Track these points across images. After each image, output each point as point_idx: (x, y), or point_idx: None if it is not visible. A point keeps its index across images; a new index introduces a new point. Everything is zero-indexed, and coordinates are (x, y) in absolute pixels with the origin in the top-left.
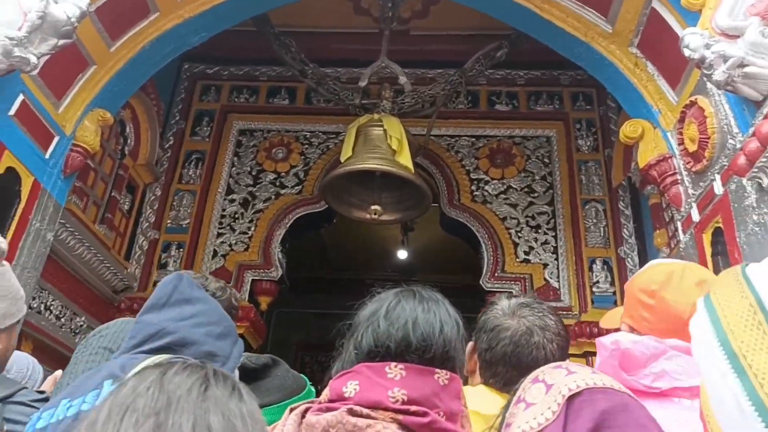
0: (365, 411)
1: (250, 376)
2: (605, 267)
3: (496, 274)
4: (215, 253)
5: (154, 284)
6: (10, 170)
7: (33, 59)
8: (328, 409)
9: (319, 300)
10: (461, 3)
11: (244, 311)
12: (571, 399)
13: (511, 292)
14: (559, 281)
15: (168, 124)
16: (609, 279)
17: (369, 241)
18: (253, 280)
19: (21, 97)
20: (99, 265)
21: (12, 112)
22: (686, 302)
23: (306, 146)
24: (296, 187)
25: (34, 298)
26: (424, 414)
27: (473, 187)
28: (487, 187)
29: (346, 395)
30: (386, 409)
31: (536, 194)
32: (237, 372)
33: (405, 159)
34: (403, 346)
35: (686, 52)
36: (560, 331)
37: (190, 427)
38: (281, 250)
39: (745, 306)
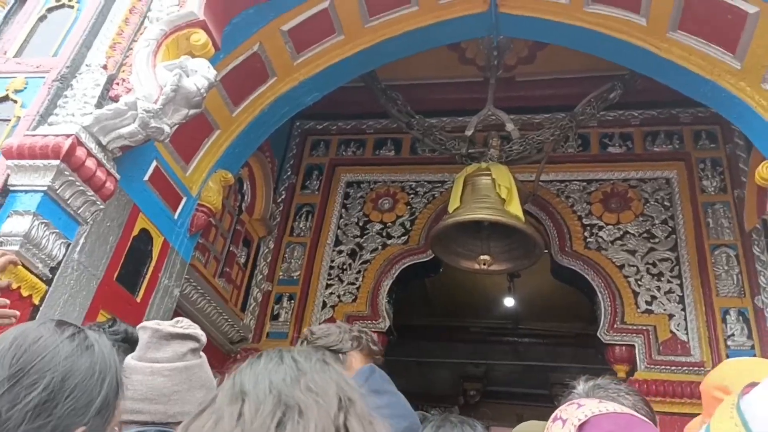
0: None
1: None
2: (740, 318)
3: (615, 326)
4: (324, 304)
5: (268, 335)
6: (143, 231)
7: (167, 129)
8: None
9: (422, 347)
10: (573, 48)
11: None
12: (581, 427)
13: (633, 345)
14: (687, 333)
15: (280, 179)
16: (746, 331)
17: (473, 288)
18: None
19: (154, 164)
20: (218, 317)
21: (146, 177)
22: None
23: (412, 196)
24: (402, 237)
25: None
26: None
27: (586, 233)
28: (601, 233)
29: None
30: None
31: (657, 240)
32: None
33: (515, 208)
34: None
35: None
36: (639, 410)
37: None
38: (388, 301)
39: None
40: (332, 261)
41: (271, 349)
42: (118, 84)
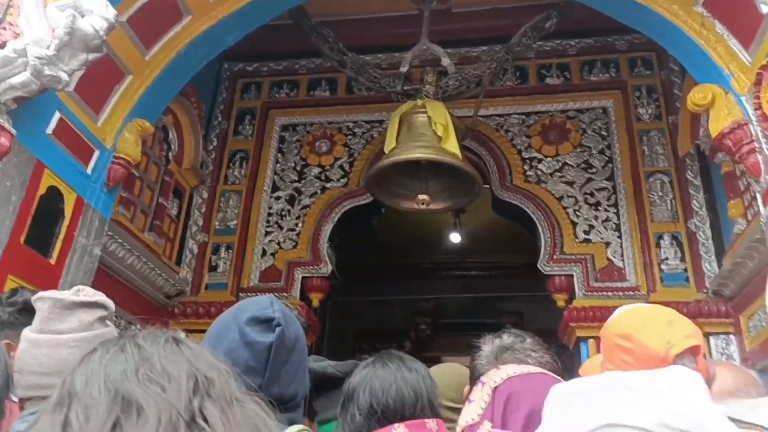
0: None
1: (336, 384)
2: (674, 242)
3: (554, 257)
4: (264, 252)
5: (206, 287)
6: (51, 189)
7: (64, 76)
8: None
9: (374, 287)
10: None
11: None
12: (496, 389)
13: (571, 275)
14: (623, 260)
15: (211, 125)
16: (679, 255)
17: (421, 225)
18: (303, 277)
19: (57, 115)
20: (150, 272)
21: (49, 130)
22: (661, 341)
23: (349, 137)
24: (342, 180)
25: None
26: None
27: (526, 167)
28: (540, 166)
29: None
30: None
31: (594, 170)
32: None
33: (452, 145)
34: (399, 405)
35: (763, 8)
36: (544, 365)
37: None
38: (330, 245)
39: None
40: (270, 208)
41: (112, 338)
42: (4, 29)
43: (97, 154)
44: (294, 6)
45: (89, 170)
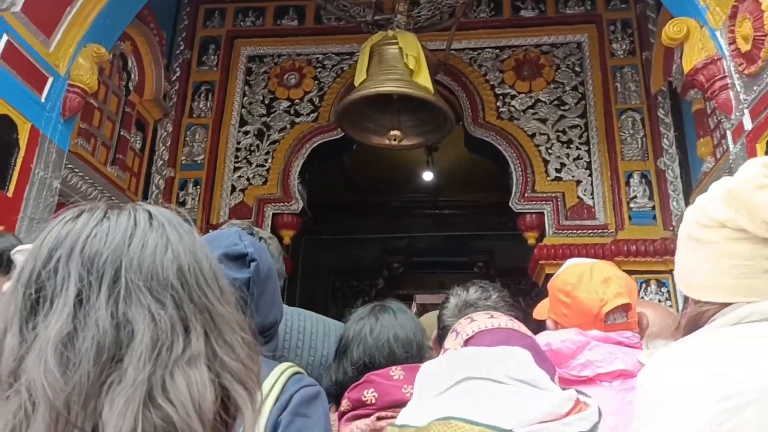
0: (389, 413)
1: None
2: (643, 180)
3: (526, 195)
4: (233, 188)
5: None
6: (3, 117)
7: None
8: (356, 417)
9: (347, 224)
10: None
11: None
12: (467, 341)
13: (542, 213)
14: (593, 198)
15: (173, 54)
16: (647, 193)
17: (393, 162)
18: (274, 214)
19: (5, 38)
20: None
21: None
22: (595, 298)
23: (319, 70)
24: (312, 114)
25: None
26: None
27: (499, 103)
28: (513, 102)
29: (368, 402)
30: (404, 403)
31: (567, 107)
32: None
33: (423, 79)
34: (390, 356)
35: None
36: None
37: None
38: (301, 181)
39: None
40: (238, 142)
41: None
42: None
43: (50, 81)
44: None
45: (43, 98)
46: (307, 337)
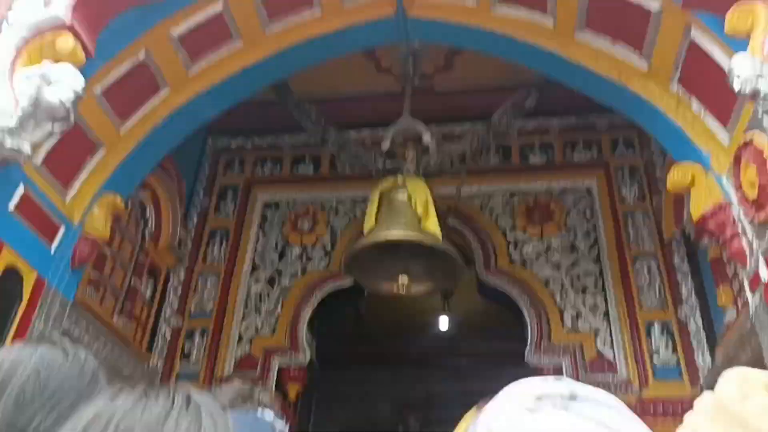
0: None
1: None
2: (665, 331)
3: (542, 346)
4: (240, 337)
5: (177, 377)
6: (9, 269)
7: (26, 148)
8: None
9: (360, 376)
10: (484, 52)
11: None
12: None
13: (560, 367)
14: (613, 350)
15: (192, 202)
16: (671, 345)
17: (408, 310)
18: (279, 367)
19: (21, 189)
20: (116, 360)
21: (12, 206)
22: None
23: (332, 215)
24: (323, 261)
25: None
26: None
27: (511, 249)
28: (525, 248)
29: None
30: None
31: (580, 252)
32: None
33: (432, 225)
34: None
35: (736, 84)
36: None
37: None
38: (310, 331)
39: None
40: (249, 290)
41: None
42: None
43: (62, 230)
44: (275, 82)
45: (53, 249)
46: None
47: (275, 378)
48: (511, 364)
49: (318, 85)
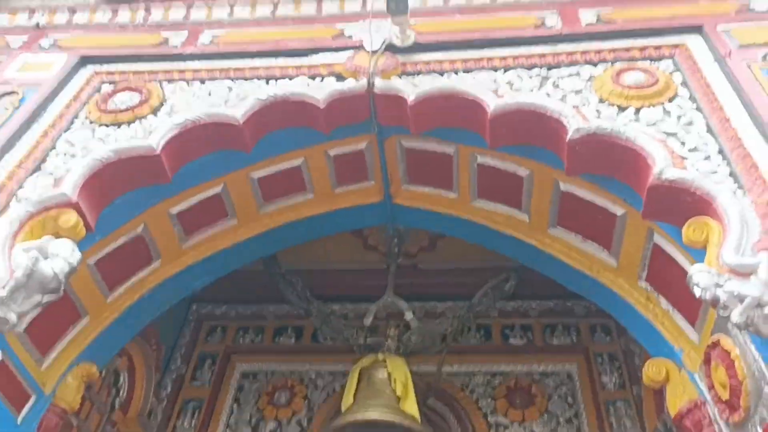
0: None
1: None
2: None
3: None
4: None
5: None
6: None
7: (13, 318)
8: None
9: None
10: (466, 239)
11: None
12: None
13: None
14: None
15: (168, 369)
16: None
17: None
18: None
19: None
20: None
21: None
22: None
23: (311, 389)
24: None
25: None
26: None
27: None
28: None
29: None
30: None
31: None
32: None
33: (410, 406)
34: None
35: (697, 291)
36: None
37: None
38: None
39: None
40: None
41: None
42: None
43: (32, 400)
44: (263, 256)
45: (20, 419)
46: None
47: None
48: None
49: (305, 258)
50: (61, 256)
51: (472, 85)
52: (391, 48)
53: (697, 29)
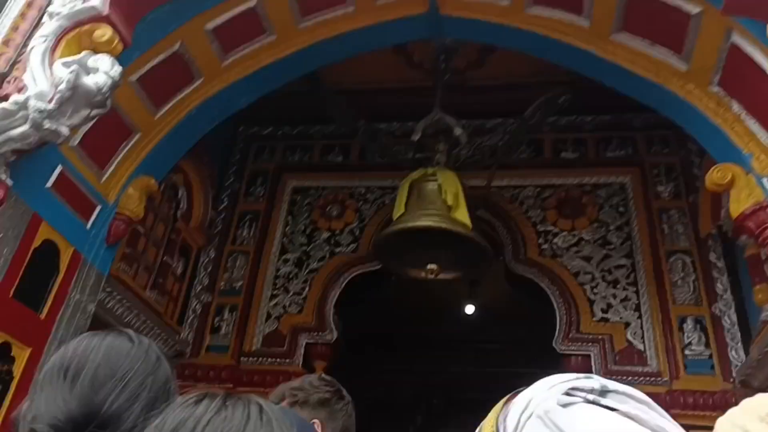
0: None
1: None
2: (698, 326)
3: (570, 335)
4: (269, 315)
5: (207, 349)
6: (47, 242)
7: (64, 131)
8: None
9: (384, 357)
10: (519, 50)
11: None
12: None
13: (588, 355)
14: (644, 342)
15: (222, 185)
16: (703, 340)
17: (434, 296)
18: (307, 343)
19: (59, 169)
20: (149, 332)
21: (49, 184)
22: None
23: (361, 203)
24: (351, 245)
25: None
26: None
27: (541, 240)
28: (556, 240)
29: None
30: None
31: (612, 246)
32: None
33: (461, 215)
34: None
35: None
36: None
37: None
38: (337, 311)
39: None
40: (278, 270)
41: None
42: (9, 83)
43: (98, 209)
44: (307, 72)
45: (89, 225)
46: None
47: (303, 354)
48: (537, 351)
49: (349, 77)
50: (101, 70)
51: None
52: None
53: None
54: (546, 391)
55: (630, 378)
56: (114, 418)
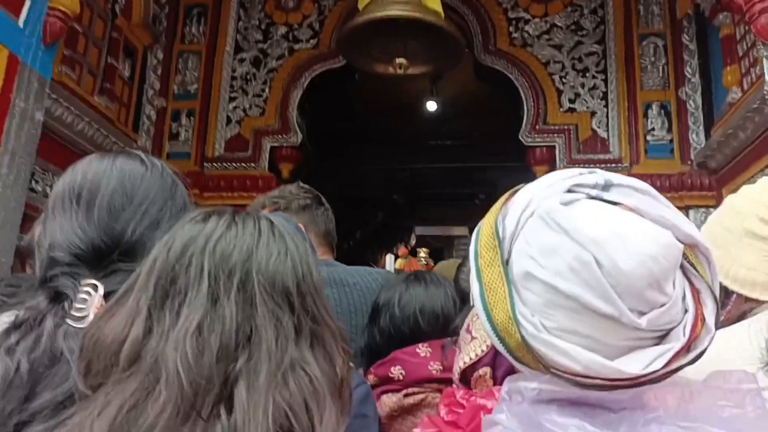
0: (416, 390)
1: None
2: (662, 112)
3: (537, 127)
4: (229, 119)
5: (168, 156)
6: None
7: None
8: (383, 392)
9: (350, 151)
10: None
11: (265, 181)
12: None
13: (553, 146)
14: (608, 131)
15: None
16: (666, 125)
17: (396, 92)
18: (272, 147)
19: None
20: (104, 139)
21: None
22: None
23: None
24: (311, 41)
25: (37, 182)
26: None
27: (511, 29)
28: (527, 28)
29: (396, 378)
30: (431, 380)
31: (585, 32)
32: None
33: (433, 2)
34: (415, 327)
35: None
36: None
37: None
38: (300, 112)
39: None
40: (234, 71)
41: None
42: None
43: (28, 3)
44: None
45: (21, 22)
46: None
47: (268, 158)
48: (497, 145)
49: None
50: None
51: None
52: None
53: None
54: (546, 189)
55: (591, 165)
56: (139, 246)
